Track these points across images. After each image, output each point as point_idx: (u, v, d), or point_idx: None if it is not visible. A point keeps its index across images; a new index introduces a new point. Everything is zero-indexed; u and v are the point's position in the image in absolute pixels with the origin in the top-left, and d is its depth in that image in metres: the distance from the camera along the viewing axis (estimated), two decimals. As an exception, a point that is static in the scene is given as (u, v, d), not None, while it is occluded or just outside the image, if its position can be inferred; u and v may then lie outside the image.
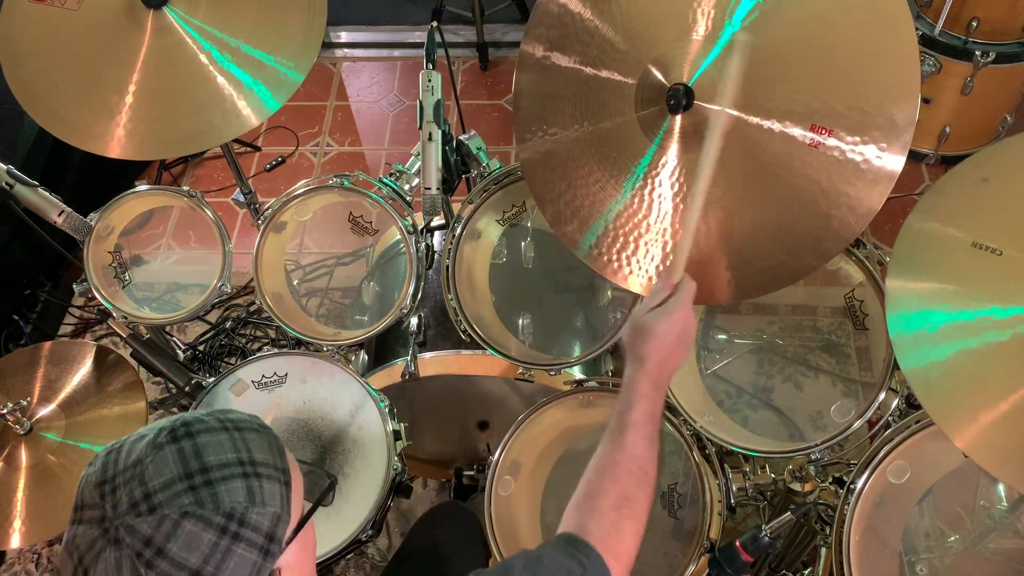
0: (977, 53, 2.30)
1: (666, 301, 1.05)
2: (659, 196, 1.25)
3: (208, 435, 0.75)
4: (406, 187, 1.70)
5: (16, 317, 2.46)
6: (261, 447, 0.77)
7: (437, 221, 1.82)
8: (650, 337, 1.00)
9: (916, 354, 1.04)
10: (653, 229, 1.28)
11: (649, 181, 1.26)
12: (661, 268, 1.23)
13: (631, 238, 1.30)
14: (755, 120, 1.14)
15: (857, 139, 1.09)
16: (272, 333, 2.52)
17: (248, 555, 0.72)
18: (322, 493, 0.88)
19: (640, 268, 1.31)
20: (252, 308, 2.56)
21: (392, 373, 1.67)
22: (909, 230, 1.12)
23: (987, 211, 1.07)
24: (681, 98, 1.17)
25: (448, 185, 1.68)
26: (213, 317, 2.55)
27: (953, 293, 1.04)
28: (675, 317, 1.02)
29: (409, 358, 1.63)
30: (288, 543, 0.77)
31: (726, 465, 1.44)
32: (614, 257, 1.32)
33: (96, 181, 2.63)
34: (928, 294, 1.06)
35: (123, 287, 1.68)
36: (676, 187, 1.24)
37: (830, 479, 1.40)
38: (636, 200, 1.27)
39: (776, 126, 1.13)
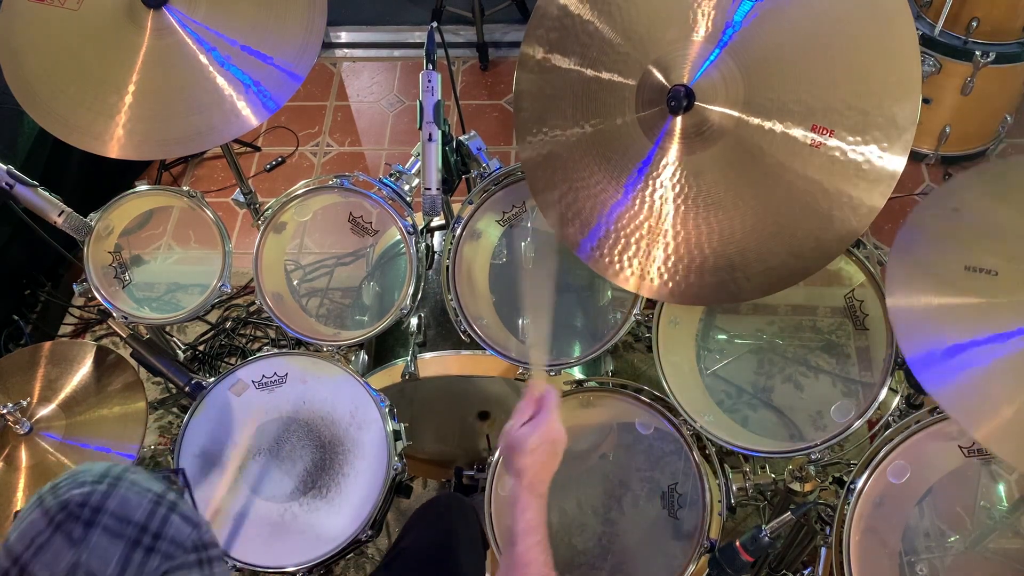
0: (977, 53, 2.30)
1: (534, 416, 1.10)
2: (660, 197, 1.25)
3: (111, 499, 0.71)
4: (406, 187, 1.70)
5: (16, 317, 2.45)
6: (146, 481, 0.75)
7: (437, 221, 1.82)
8: (524, 453, 1.06)
9: (931, 369, 1.04)
10: (654, 230, 1.28)
11: (650, 182, 1.26)
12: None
13: (632, 239, 1.30)
14: (756, 121, 1.15)
15: (858, 139, 1.09)
16: (272, 333, 2.52)
17: (221, 565, 0.76)
18: (186, 485, 0.89)
19: (642, 269, 1.31)
20: (252, 308, 2.56)
21: (392, 373, 1.67)
22: (899, 260, 1.11)
23: (969, 237, 1.07)
24: (682, 99, 1.17)
25: (448, 185, 1.68)
26: (213, 317, 2.55)
27: (957, 309, 1.04)
28: (542, 430, 1.07)
29: (409, 358, 1.63)
30: None
31: (726, 465, 1.44)
32: (615, 258, 1.32)
33: (96, 181, 2.62)
34: (932, 312, 1.06)
35: (123, 287, 1.68)
36: (677, 188, 1.24)
37: (830, 479, 1.40)
38: (637, 201, 1.27)
39: (777, 126, 1.13)
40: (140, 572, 0.68)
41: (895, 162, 1.09)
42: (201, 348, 2.50)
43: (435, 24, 1.55)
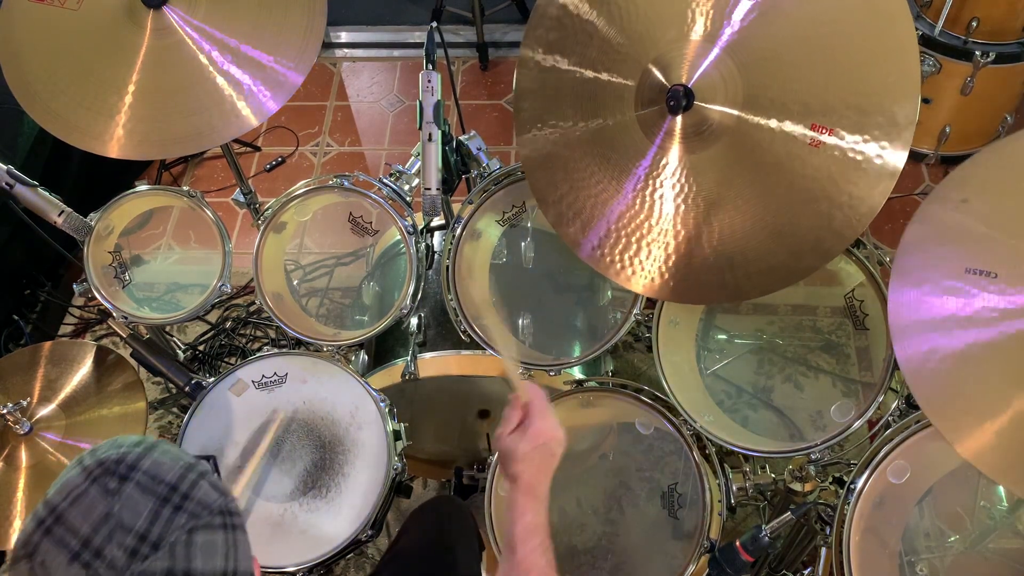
0: (977, 53, 2.30)
1: (522, 421, 1.09)
2: (660, 196, 1.26)
3: (145, 459, 0.75)
4: (406, 187, 1.70)
5: (16, 317, 2.45)
6: (181, 452, 0.79)
7: (437, 221, 1.82)
8: (516, 460, 1.06)
9: (918, 362, 1.04)
10: (655, 229, 1.28)
11: (650, 182, 1.26)
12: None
13: (633, 239, 1.30)
14: (755, 120, 1.15)
15: (858, 138, 1.09)
16: (272, 333, 2.52)
17: (244, 536, 0.77)
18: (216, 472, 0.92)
19: (642, 268, 1.31)
20: (252, 308, 2.56)
21: (392, 373, 1.67)
22: (903, 255, 1.11)
23: (973, 235, 1.06)
24: (681, 99, 1.17)
25: (448, 185, 1.68)
26: (213, 317, 2.55)
27: (953, 303, 1.04)
28: (531, 435, 1.06)
29: (409, 358, 1.63)
30: None
31: (726, 465, 1.44)
32: (616, 258, 1.32)
33: (96, 181, 2.62)
34: (929, 304, 1.06)
35: (123, 287, 1.68)
36: (677, 187, 1.24)
37: (830, 479, 1.40)
38: (637, 201, 1.28)
39: (776, 125, 1.13)
40: (168, 527, 0.71)
41: (895, 161, 1.08)
42: (201, 348, 2.50)
43: (435, 24, 1.55)
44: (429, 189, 1.49)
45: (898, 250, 1.10)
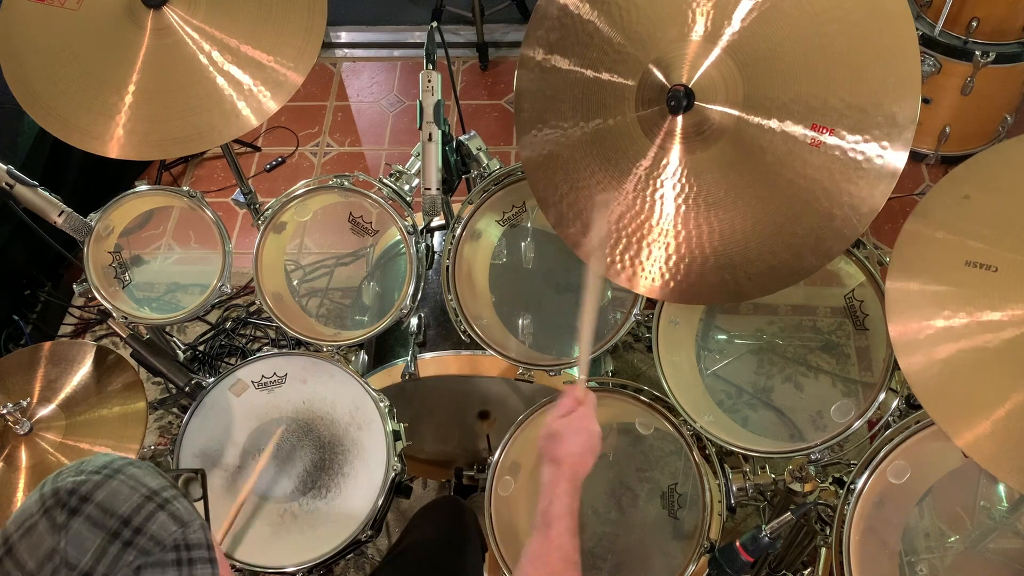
0: (977, 53, 2.30)
1: (573, 412, 1.13)
2: (661, 197, 1.25)
3: (101, 489, 0.72)
4: (406, 187, 1.70)
5: (16, 317, 2.46)
6: (146, 475, 0.76)
7: (437, 221, 1.82)
8: (564, 442, 1.09)
9: (916, 355, 1.04)
10: (655, 230, 1.28)
11: (651, 182, 1.26)
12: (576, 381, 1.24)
13: (634, 239, 1.30)
14: (756, 119, 1.15)
15: (858, 137, 1.09)
16: (272, 333, 2.52)
17: (205, 571, 0.74)
18: (203, 487, 0.91)
19: (642, 269, 1.31)
20: (252, 308, 2.56)
21: (392, 373, 1.67)
22: (902, 249, 1.12)
23: (974, 229, 1.06)
24: (681, 99, 1.17)
25: (448, 185, 1.68)
26: (213, 317, 2.55)
27: (952, 297, 1.04)
28: (582, 425, 1.11)
29: (409, 358, 1.63)
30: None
31: (726, 465, 1.44)
32: (617, 258, 1.32)
33: (96, 181, 2.63)
34: (928, 298, 1.06)
35: (123, 287, 1.68)
36: (678, 188, 1.24)
37: (830, 479, 1.40)
38: (638, 201, 1.27)
39: (776, 125, 1.13)
40: (114, 565, 0.69)
41: (896, 160, 1.08)
42: (201, 348, 2.50)
43: (435, 24, 1.55)
44: (429, 189, 1.49)
45: (897, 242, 1.10)
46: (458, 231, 1.55)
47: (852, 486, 1.25)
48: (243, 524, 1.43)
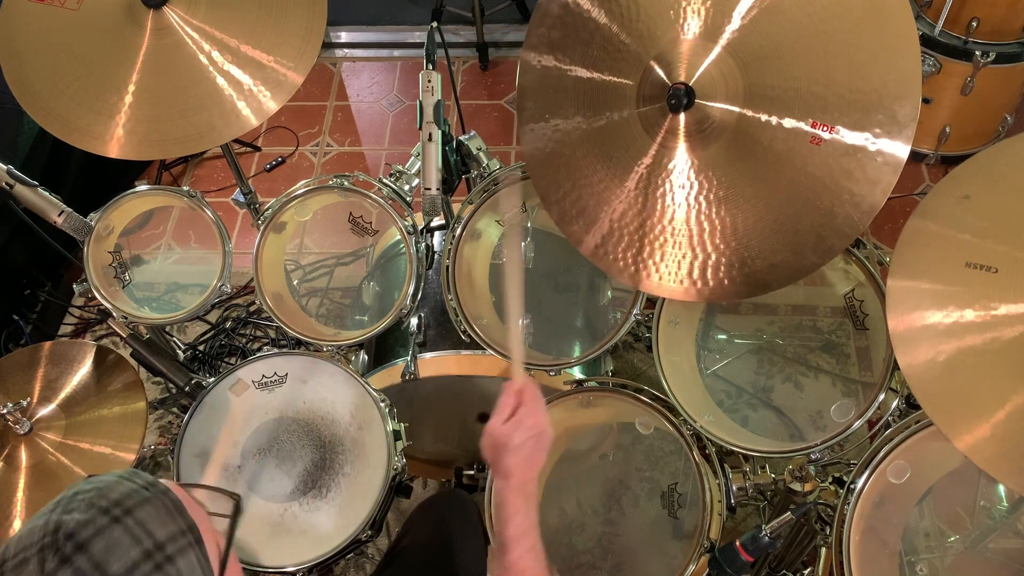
0: (977, 53, 2.30)
1: (516, 411, 1.07)
2: (662, 194, 1.25)
3: (101, 538, 0.67)
4: (406, 187, 1.70)
5: (16, 317, 2.46)
6: (158, 519, 0.71)
7: (437, 221, 1.82)
8: (509, 451, 1.03)
9: (916, 356, 1.04)
10: (657, 227, 1.28)
11: (653, 180, 1.26)
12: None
13: (635, 236, 1.30)
14: (757, 117, 1.15)
15: (859, 135, 1.09)
16: (272, 333, 2.52)
17: None
18: (233, 515, 0.84)
19: (644, 266, 1.31)
20: (252, 308, 2.56)
21: (392, 373, 1.67)
22: (903, 249, 1.11)
23: (974, 229, 1.06)
24: (682, 97, 1.17)
25: (448, 185, 1.68)
26: (213, 317, 2.55)
27: (953, 297, 1.04)
28: (527, 425, 1.04)
29: (409, 358, 1.63)
30: None
31: (726, 465, 1.44)
32: (619, 255, 1.32)
33: (96, 181, 2.63)
34: (928, 298, 1.06)
35: (123, 287, 1.68)
36: (680, 186, 1.24)
37: (830, 479, 1.40)
38: (641, 199, 1.28)
39: (777, 123, 1.13)
40: None
41: (895, 159, 1.09)
42: (201, 348, 2.50)
43: (435, 24, 1.55)
44: (429, 189, 1.49)
45: (898, 241, 1.10)
46: (458, 231, 1.55)
47: (852, 486, 1.25)
48: (243, 524, 1.42)
